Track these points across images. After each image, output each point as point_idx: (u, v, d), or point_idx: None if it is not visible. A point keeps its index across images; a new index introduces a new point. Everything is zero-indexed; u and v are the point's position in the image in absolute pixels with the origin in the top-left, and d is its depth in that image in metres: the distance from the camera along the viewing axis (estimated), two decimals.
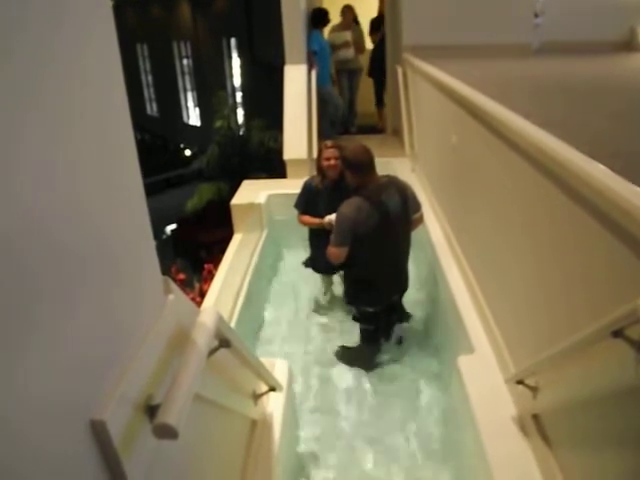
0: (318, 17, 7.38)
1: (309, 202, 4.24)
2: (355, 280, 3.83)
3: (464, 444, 2.79)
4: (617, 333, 1.43)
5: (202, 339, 1.45)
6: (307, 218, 4.25)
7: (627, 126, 2.88)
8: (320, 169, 4.18)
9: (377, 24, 8.21)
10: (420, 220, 3.94)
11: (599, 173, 1.80)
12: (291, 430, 2.90)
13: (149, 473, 1.20)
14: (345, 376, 4.00)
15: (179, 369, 1.29)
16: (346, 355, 4.14)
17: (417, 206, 3.82)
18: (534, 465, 2.26)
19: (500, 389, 2.70)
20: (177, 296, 1.46)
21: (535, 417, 2.36)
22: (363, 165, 3.52)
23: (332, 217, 3.81)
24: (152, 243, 1.39)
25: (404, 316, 4.19)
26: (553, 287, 2.26)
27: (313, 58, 7.17)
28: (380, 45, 8.08)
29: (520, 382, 2.31)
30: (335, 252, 3.56)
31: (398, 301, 4.06)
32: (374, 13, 8.39)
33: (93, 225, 1.05)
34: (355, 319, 4.03)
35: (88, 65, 1.05)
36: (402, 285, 3.92)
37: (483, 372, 2.87)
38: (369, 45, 8.54)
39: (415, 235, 3.90)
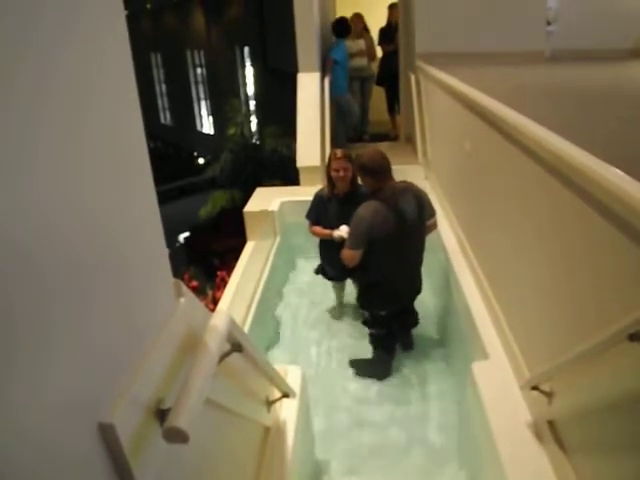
0: (345, 27, 7.41)
1: (320, 212, 4.24)
2: (369, 284, 3.82)
3: (479, 450, 2.76)
4: (633, 336, 1.40)
5: (214, 343, 1.44)
6: (318, 229, 4.25)
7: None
8: (330, 178, 4.16)
9: (387, 34, 8.21)
10: (434, 226, 3.97)
11: (613, 176, 1.78)
12: (304, 438, 2.88)
13: (159, 478, 1.19)
14: (358, 383, 3.99)
15: (190, 373, 1.28)
16: (359, 362, 4.12)
17: (432, 212, 3.84)
18: (549, 471, 2.23)
19: (515, 395, 2.68)
20: (189, 299, 1.46)
21: (550, 423, 2.34)
22: (380, 169, 3.54)
23: (341, 232, 3.83)
24: (164, 247, 1.38)
25: (416, 320, 4.17)
26: (566, 292, 2.24)
27: (332, 67, 7.19)
28: (392, 55, 8.09)
29: (535, 388, 2.28)
30: (350, 254, 3.56)
31: (411, 305, 4.05)
32: (383, 22, 8.38)
33: (106, 230, 1.05)
34: (366, 323, 4.02)
35: (100, 74, 1.05)
36: (415, 289, 3.92)
37: (497, 378, 2.84)
38: (379, 53, 8.55)
39: (429, 241, 3.89)
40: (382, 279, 3.70)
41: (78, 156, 0.96)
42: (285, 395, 2.50)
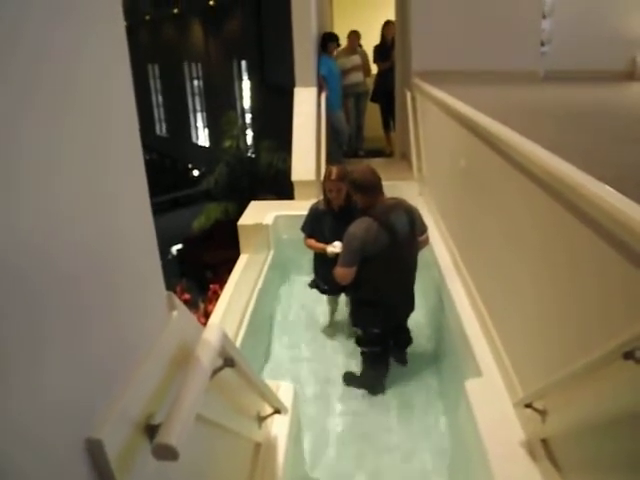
0: (325, 41, 7.43)
1: (315, 226, 4.24)
2: (362, 301, 3.79)
3: (472, 468, 2.74)
4: (628, 355, 1.40)
5: (206, 357, 1.42)
6: (312, 242, 4.25)
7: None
8: (325, 194, 4.18)
9: (382, 52, 8.25)
10: (426, 241, 3.95)
11: (609, 196, 1.78)
12: (295, 454, 2.85)
13: None
14: (351, 400, 3.96)
15: (182, 388, 1.26)
16: (353, 379, 4.09)
17: (423, 228, 3.83)
18: None
19: (508, 413, 2.66)
20: (181, 313, 1.44)
21: (544, 441, 2.32)
22: (371, 186, 3.53)
23: (334, 249, 3.81)
24: (158, 259, 1.37)
25: (409, 338, 4.15)
26: (565, 310, 2.23)
27: (323, 82, 7.21)
28: (388, 72, 8.12)
29: (528, 406, 2.26)
30: (343, 272, 3.54)
31: (404, 322, 4.03)
32: (377, 40, 8.42)
33: (98, 242, 1.04)
34: (358, 342, 3.99)
35: (97, 84, 1.04)
36: (409, 306, 3.90)
37: (491, 396, 2.82)
38: (373, 70, 8.59)
39: (422, 258, 3.88)
40: (375, 296, 3.68)
41: (68, 164, 0.94)
42: (277, 411, 2.48)
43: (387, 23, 8.22)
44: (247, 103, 20.15)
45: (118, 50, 1.14)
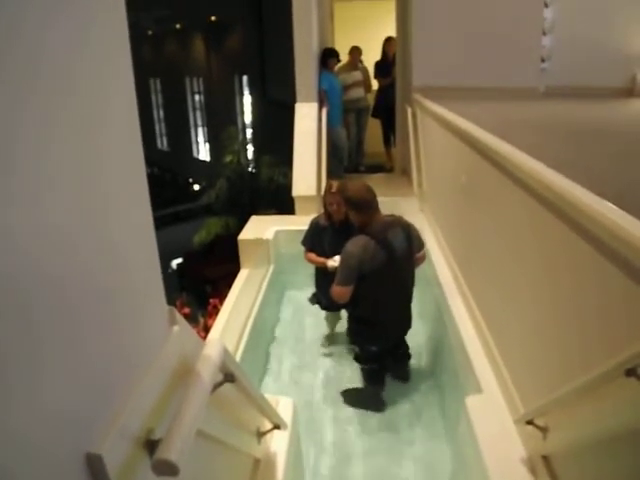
0: (325, 57, 7.47)
1: (315, 240, 4.24)
2: (360, 319, 3.77)
3: None
4: (630, 372, 1.39)
5: (207, 372, 1.42)
6: (312, 256, 4.24)
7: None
8: (326, 208, 4.19)
9: (383, 68, 8.29)
10: (422, 258, 3.92)
11: (610, 212, 1.78)
12: (295, 470, 2.83)
13: None
14: (350, 416, 3.94)
15: (182, 403, 1.25)
16: (352, 395, 4.07)
17: (421, 244, 3.81)
18: None
19: (509, 430, 2.64)
20: (182, 327, 1.43)
21: (545, 458, 2.30)
22: (366, 204, 3.51)
23: (335, 263, 3.79)
24: (159, 273, 1.37)
25: (408, 353, 4.13)
26: (566, 327, 2.23)
27: (324, 97, 7.23)
28: (389, 88, 8.16)
29: (530, 422, 2.25)
30: (340, 291, 3.52)
31: (402, 339, 4.02)
32: (378, 56, 8.46)
33: (99, 255, 1.03)
34: (357, 359, 3.97)
35: (97, 87, 1.03)
36: (406, 323, 3.88)
37: (491, 412, 2.81)
38: (374, 85, 8.64)
39: (422, 274, 3.87)
40: (373, 314, 3.66)
41: (66, 174, 0.92)
42: (276, 427, 2.46)
43: (388, 39, 8.27)
44: (248, 118, 20.25)
45: (120, 52, 1.14)
